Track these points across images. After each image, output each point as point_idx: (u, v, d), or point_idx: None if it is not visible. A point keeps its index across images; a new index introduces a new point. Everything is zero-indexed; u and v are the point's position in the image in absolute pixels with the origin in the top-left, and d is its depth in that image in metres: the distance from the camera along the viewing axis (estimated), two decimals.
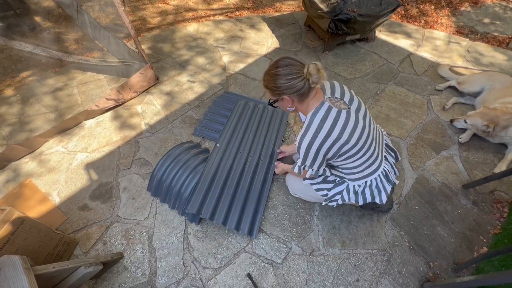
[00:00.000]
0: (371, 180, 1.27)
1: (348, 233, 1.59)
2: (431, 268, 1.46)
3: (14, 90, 2.48)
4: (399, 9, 2.98)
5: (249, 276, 1.44)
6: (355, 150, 1.12)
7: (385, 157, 1.34)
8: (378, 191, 1.30)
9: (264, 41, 2.98)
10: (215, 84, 2.50)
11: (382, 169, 1.28)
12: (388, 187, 1.32)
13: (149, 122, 2.21)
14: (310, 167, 1.18)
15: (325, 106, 1.08)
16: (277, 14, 3.40)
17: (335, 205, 1.37)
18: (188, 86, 2.50)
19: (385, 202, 1.32)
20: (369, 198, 1.31)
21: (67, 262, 1.15)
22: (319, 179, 1.37)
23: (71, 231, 1.63)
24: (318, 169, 1.19)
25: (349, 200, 1.33)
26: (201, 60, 2.75)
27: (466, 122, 1.93)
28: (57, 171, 1.91)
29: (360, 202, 1.34)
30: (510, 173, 1.48)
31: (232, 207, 1.61)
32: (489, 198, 1.72)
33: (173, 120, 2.22)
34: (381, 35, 3.00)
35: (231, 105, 2.26)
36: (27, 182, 1.82)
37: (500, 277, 1.01)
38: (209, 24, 3.22)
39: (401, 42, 2.90)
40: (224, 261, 1.50)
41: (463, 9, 3.37)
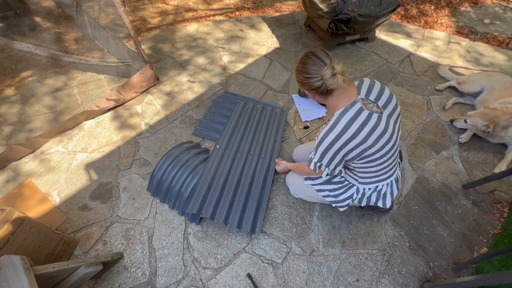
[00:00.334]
0: (382, 185, 1.26)
1: (348, 233, 1.59)
2: (431, 268, 1.46)
3: (14, 90, 2.48)
4: (399, 9, 2.98)
5: (249, 276, 1.44)
6: (378, 155, 1.08)
7: (398, 163, 1.32)
8: (384, 196, 1.30)
9: (264, 41, 2.98)
10: (215, 84, 2.51)
11: (396, 174, 1.27)
12: (395, 192, 1.31)
13: (149, 122, 2.21)
14: (327, 166, 1.14)
15: (356, 107, 1.02)
16: (277, 14, 3.40)
17: (345, 208, 1.36)
18: (188, 86, 2.50)
19: (388, 207, 1.32)
20: (373, 202, 1.31)
21: (67, 262, 1.15)
22: (321, 179, 1.37)
23: (71, 231, 1.63)
24: (335, 168, 1.15)
25: (355, 202, 1.33)
26: (201, 60, 2.75)
27: (466, 122, 1.93)
28: (57, 171, 1.91)
29: (364, 204, 1.34)
30: (510, 173, 1.48)
31: (233, 206, 1.61)
32: (489, 198, 1.72)
33: (173, 120, 2.22)
34: (381, 35, 3.01)
35: (231, 105, 2.26)
36: (27, 182, 1.82)
37: (500, 277, 1.01)
38: (209, 24, 3.22)
39: (401, 42, 2.90)
40: (224, 261, 1.50)
41: (463, 9, 3.37)
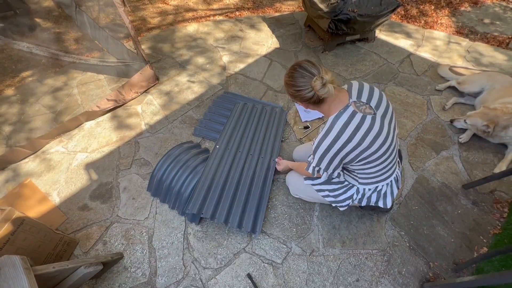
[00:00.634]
0: (382, 185, 1.26)
1: (348, 233, 1.59)
2: (431, 268, 1.46)
3: (14, 90, 2.48)
4: (399, 9, 2.97)
5: (249, 276, 1.44)
6: (376, 156, 1.08)
7: (398, 162, 1.32)
8: (385, 196, 1.30)
9: (264, 41, 2.98)
10: (215, 84, 2.50)
11: (395, 174, 1.28)
12: (395, 192, 1.31)
13: (149, 122, 2.21)
14: (325, 170, 1.16)
15: (349, 110, 1.02)
16: (277, 14, 3.40)
17: (346, 208, 1.37)
18: (188, 86, 2.50)
19: (389, 207, 1.32)
20: (373, 201, 1.31)
21: (67, 262, 1.15)
22: (321, 179, 1.37)
23: (71, 231, 1.63)
24: (333, 172, 1.17)
25: (355, 202, 1.33)
26: (201, 60, 2.75)
27: (466, 122, 1.93)
28: (57, 171, 1.91)
29: (364, 204, 1.34)
30: (510, 173, 1.48)
31: (233, 206, 1.61)
32: (489, 198, 1.72)
33: (173, 120, 2.22)
34: (381, 35, 3.00)
35: (231, 105, 2.26)
36: (27, 182, 1.82)
37: (500, 277, 1.01)
38: (209, 24, 3.22)
39: (401, 42, 2.90)
40: (224, 261, 1.50)
41: (463, 9, 3.37)
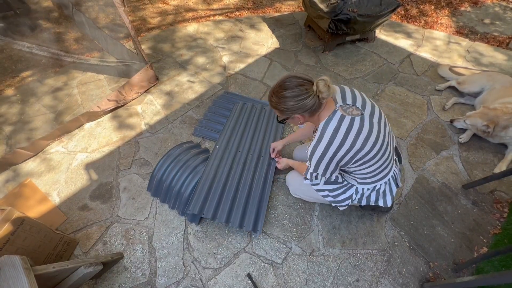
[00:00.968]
0: (381, 184, 1.27)
1: (348, 233, 1.59)
2: (431, 268, 1.46)
3: (14, 90, 2.48)
4: (399, 9, 2.97)
5: (249, 276, 1.44)
6: (370, 156, 1.09)
7: (395, 160, 1.33)
8: (384, 194, 1.30)
9: (264, 41, 2.98)
10: (215, 84, 2.51)
11: (393, 172, 1.28)
12: (394, 190, 1.32)
13: (149, 122, 2.21)
14: (323, 175, 1.18)
15: (337, 115, 1.04)
16: (277, 14, 3.40)
17: (345, 208, 1.37)
18: (188, 86, 2.50)
19: (389, 206, 1.32)
20: (373, 201, 1.31)
21: (67, 262, 1.15)
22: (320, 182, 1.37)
23: (71, 231, 1.63)
24: (331, 176, 1.19)
25: (354, 202, 1.33)
26: (201, 60, 2.75)
27: (466, 123, 1.93)
28: (57, 171, 1.91)
29: (363, 204, 1.34)
30: (510, 173, 1.48)
31: (234, 206, 1.61)
32: (489, 198, 1.72)
33: (173, 120, 2.22)
34: (381, 35, 3.01)
35: (231, 105, 2.26)
36: (27, 182, 1.82)
37: (500, 277, 1.01)
38: (209, 24, 3.22)
39: (401, 42, 2.90)
40: (224, 261, 1.50)
41: (463, 9, 3.37)
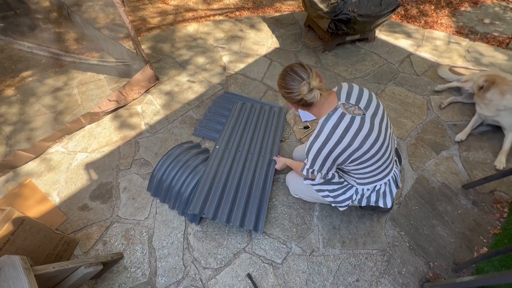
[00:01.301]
0: (380, 185, 1.26)
1: (348, 233, 1.59)
2: (431, 268, 1.46)
3: (14, 90, 2.48)
4: (399, 9, 2.97)
5: (249, 276, 1.44)
6: (369, 156, 1.10)
7: (395, 161, 1.33)
8: (384, 195, 1.30)
9: (264, 41, 2.98)
10: (215, 84, 2.50)
11: (393, 173, 1.28)
12: (394, 191, 1.32)
13: (149, 122, 2.21)
14: (319, 171, 1.18)
15: (338, 112, 1.05)
16: (277, 14, 3.40)
17: (345, 208, 1.37)
18: (188, 86, 2.50)
19: (389, 206, 1.32)
20: (373, 201, 1.31)
21: (67, 262, 1.15)
22: (321, 180, 1.37)
23: (71, 231, 1.63)
24: (327, 173, 1.19)
25: (354, 202, 1.33)
26: (201, 60, 2.75)
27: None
28: (57, 171, 1.91)
29: (363, 204, 1.34)
30: (510, 173, 1.48)
31: (234, 205, 1.61)
32: (489, 198, 1.72)
33: (173, 120, 2.22)
34: (381, 35, 3.00)
35: (231, 105, 2.26)
36: (27, 182, 1.82)
37: (500, 277, 1.01)
38: (209, 24, 3.22)
39: (401, 42, 2.90)
40: (224, 261, 1.50)
41: (463, 9, 3.37)
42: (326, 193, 1.37)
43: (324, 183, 1.36)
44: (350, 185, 1.31)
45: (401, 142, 2.03)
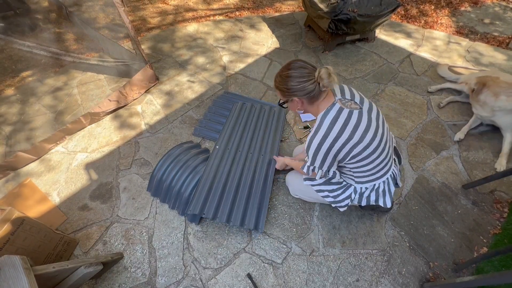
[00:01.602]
0: (379, 184, 1.26)
1: (348, 233, 1.59)
2: (431, 268, 1.46)
3: (14, 90, 2.48)
4: (399, 9, 2.97)
5: (249, 276, 1.44)
6: (368, 152, 1.10)
7: (394, 160, 1.33)
8: (384, 194, 1.30)
9: (264, 41, 2.98)
10: (215, 84, 2.50)
11: (391, 171, 1.27)
12: (393, 190, 1.31)
13: (149, 122, 2.21)
14: (320, 168, 1.17)
15: (336, 107, 1.07)
16: (277, 14, 3.40)
17: (345, 209, 1.36)
18: (188, 86, 2.50)
19: (389, 206, 1.32)
20: (373, 200, 1.30)
21: (67, 262, 1.15)
22: (321, 180, 1.37)
23: (71, 231, 1.63)
24: (328, 170, 1.17)
25: (354, 202, 1.33)
26: (201, 60, 2.75)
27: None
28: (57, 171, 1.91)
29: (363, 204, 1.33)
30: (510, 173, 1.48)
31: (234, 205, 1.60)
32: (489, 198, 1.72)
33: (173, 120, 2.22)
34: (381, 35, 3.00)
35: (231, 105, 2.26)
36: (27, 182, 1.82)
37: (500, 277, 1.01)
38: (209, 24, 3.22)
39: (401, 42, 2.90)
40: (224, 261, 1.50)
41: (463, 9, 3.37)
42: (326, 193, 1.37)
43: (323, 183, 1.36)
44: (348, 184, 1.32)
45: (401, 142, 2.03)
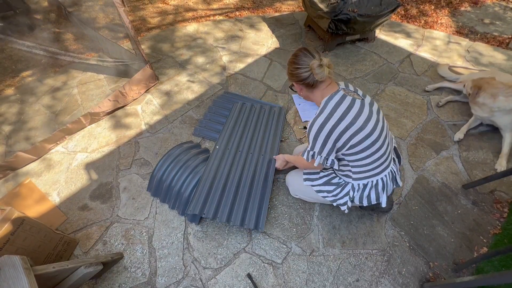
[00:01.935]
0: (377, 180, 1.25)
1: (348, 233, 1.59)
2: (431, 268, 1.46)
3: (14, 90, 2.48)
4: (399, 9, 2.97)
5: (249, 276, 1.44)
6: (368, 143, 1.11)
7: (393, 159, 1.33)
8: (383, 191, 1.29)
9: (264, 41, 2.98)
10: (215, 84, 2.50)
11: (390, 169, 1.27)
12: (391, 188, 1.31)
13: (149, 122, 2.21)
14: (319, 153, 1.16)
15: (340, 93, 1.11)
16: (277, 14, 3.40)
17: (347, 209, 1.35)
18: (188, 86, 2.49)
19: (384, 206, 1.32)
20: (373, 199, 1.30)
21: (67, 262, 1.15)
22: (321, 180, 1.37)
23: (71, 231, 1.63)
24: (327, 157, 1.16)
25: (355, 202, 1.33)
26: (201, 60, 2.75)
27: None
28: (57, 171, 1.91)
29: (365, 204, 1.33)
30: (510, 173, 1.48)
31: (235, 205, 1.60)
32: (489, 198, 1.72)
33: (173, 120, 2.22)
34: (381, 35, 3.00)
35: (231, 105, 2.26)
36: (27, 182, 1.82)
37: (500, 277, 1.01)
38: (208, 24, 3.22)
39: (401, 42, 2.90)
40: (224, 261, 1.50)
41: (463, 9, 3.37)
42: (325, 193, 1.37)
43: (323, 184, 1.36)
44: (345, 182, 1.31)
45: (401, 142, 2.03)
